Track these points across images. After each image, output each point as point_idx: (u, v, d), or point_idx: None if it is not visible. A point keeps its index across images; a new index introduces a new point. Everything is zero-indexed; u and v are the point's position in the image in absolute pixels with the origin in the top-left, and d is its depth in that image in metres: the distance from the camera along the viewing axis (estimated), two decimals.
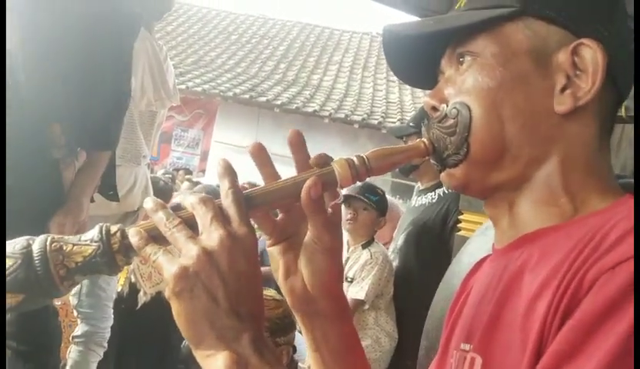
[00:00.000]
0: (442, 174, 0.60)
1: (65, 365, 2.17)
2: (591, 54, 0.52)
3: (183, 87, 8.00)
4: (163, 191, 3.23)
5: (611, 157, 0.58)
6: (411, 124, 2.47)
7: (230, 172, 0.52)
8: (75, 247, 0.49)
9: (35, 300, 0.49)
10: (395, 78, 10.04)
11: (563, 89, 0.53)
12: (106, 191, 1.83)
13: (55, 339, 1.74)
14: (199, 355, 0.47)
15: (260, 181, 0.57)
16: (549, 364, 0.42)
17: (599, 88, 0.52)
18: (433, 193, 2.34)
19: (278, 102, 8.45)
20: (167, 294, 0.47)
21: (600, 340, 0.40)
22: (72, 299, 2.17)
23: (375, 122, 8.15)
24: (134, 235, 0.50)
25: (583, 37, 0.53)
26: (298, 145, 0.57)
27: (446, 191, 2.27)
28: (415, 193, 2.53)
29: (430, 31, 0.59)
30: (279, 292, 1.89)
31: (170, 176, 5.32)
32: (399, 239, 2.46)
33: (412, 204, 2.51)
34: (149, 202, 0.51)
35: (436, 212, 2.28)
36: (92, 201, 1.72)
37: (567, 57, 0.53)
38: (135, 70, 2.11)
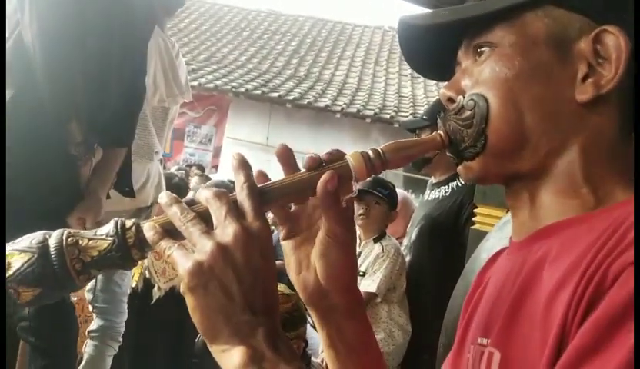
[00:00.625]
0: (459, 167, 0.59)
1: (81, 359, 2.20)
2: (614, 41, 0.51)
3: (195, 83, 8.04)
4: (178, 187, 3.25)
5: None
6: (424, 117, 2.44)
7: (245, 166, 0.51)
8: (91, 241, 0.49)
9: (52, 294, 0.49)
10: (407, 72, 10.01)
11: (585, 78, 0.52)
12: (122, 187, 1.84)
13: (72, 334, 1.76)
14: (215, 350, 0.47)
15: (272, 176, 0.57)
16: (572, 359, 0.41)
17: (622, 76, 0.51)
18: (446, 186, 2.31)
19: (290, 97, 8.45)
20: (182, 289, 0.47)
21: (624, 334, 0.39)
22: (87, 294, 2.19)
23: (387, 116, 8.13)
24: (148, 230, 0.50)
25: (605, 24, 0.51)
26: (284, 158, 0.56)
27: (459, 184, 2.25)
28: (428, 187, 2.52)
29: (446, 21, 0.58)
30: (290, 286, 1.90)
31: (184, 172, 5.35)
32: (412, 233, 2.45)
33: (425, 198, 2.50)
34: (164, 197, 0.51)
35: (449, 205, 2.26)
36: (108, 197, 1.73)
37: (588, 44, 0.52)
38: (148, 66, 2.12)
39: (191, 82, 3.38)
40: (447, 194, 2.29)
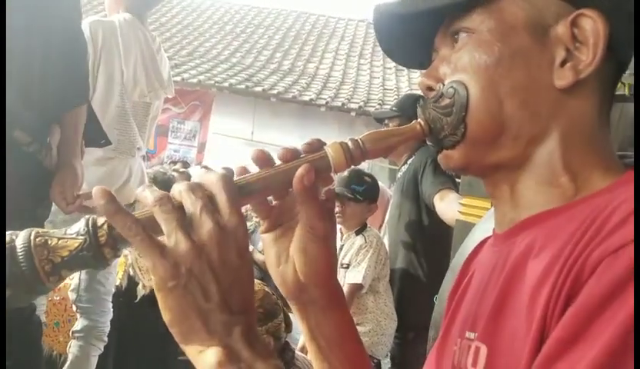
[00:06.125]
0: (440, 156, 0.58)
1: (65, 360, 2.17)
2: (592, 24, 0.50)
3: (178, 79, 7.96)
4: (168, 185, 3.19)
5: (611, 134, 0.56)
6: (393, 108, 2.54)
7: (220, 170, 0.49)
8: (61, 241, 0.47)
9: (20, 297, 0.47)
10: (391, 65, 10.01)
11: (563, 63, 0.51)
12: (97, 142, 1.79)
13: (32, 336, 1.69)
14: (190, 351, 0.46)
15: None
16: (551, 351, 0.41)
17: (600, 60, 0.50)
18: (406, 165, 2.49)
19: (275, 92, 8.41)
20: (155, 287, 0.45)
21: (602, 325, 0.39)
22: (71, 294, 2.16)
23: (372, 110, 8.12)
24: (97, 195, 0.45)
25: (582, 7, 0.51)
26: (264, 161, 0.53)
27: (415, 155, 2.43)
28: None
29: (422, 8, 0.56)
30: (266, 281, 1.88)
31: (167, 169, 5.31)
32: (387, 214, 2.64)
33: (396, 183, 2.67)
34: (140, 188, 0.48)
35: (409, 174, 2.43)
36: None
37: (566, 29, 0.51)
38: (127, 60, 2.08)
39: (174, 77, 3.33)
40: (405, 169, 2.48)
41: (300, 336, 2.59)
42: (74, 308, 2.20)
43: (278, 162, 0.54)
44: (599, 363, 0.38)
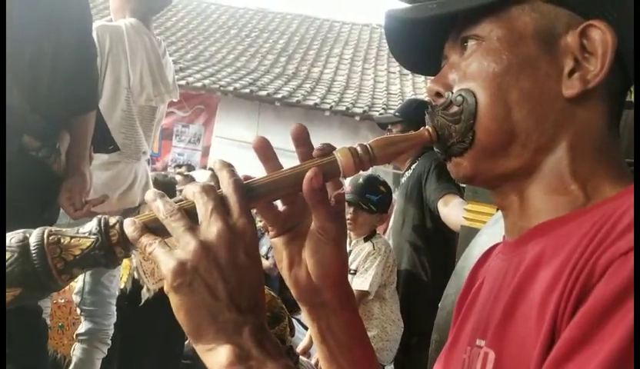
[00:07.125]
0: (449, 165, 0.58)
1: (69, 363, 2.17)
2: (600, 35, 0.51)
3: (183, 82, 7.99)
4: (167, 186, 3.21)
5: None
6: (396, 113, 2.55)
7: (227, 164, 0.51)
8: (73, 239, 0.48)
9: (33, 294, 0.48)
10: (395, 70, 10.02)
11: (571, 72, 0.52)
12: (105, 148, 1.80)
13: (39, 339, 1.70)
14: (200, 349, 0.46)
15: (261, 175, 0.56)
16: (562, 351, 0.41)
17: (608, 71, 0.51)
18: (410, 169, 2.51)
19: (279, 96, 8.43)
20: (165, 288, 0.46)
21: (613, 326, 0.39)
22: (75, 297, 2.16)
23: (377, 114, 8.12)
24: (129, 226, 0.49)
25: (591, 18, 0.51)
26: (301, 139, 0.56)
27: (417, 162, 2.45)
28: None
29: (433, 14, 0.57)
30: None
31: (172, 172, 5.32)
32: (391, 218, 2.65)
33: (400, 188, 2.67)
34: (149, 193, 0.50)
35: (413, 180, 2.44)
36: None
37: (575, 39, 0.52)
38: (134, 64, 2.09)
39: (179, 81, 3.35)
40: (409, 174, 2.50)
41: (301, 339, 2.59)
42: (78, 311, 2.21)
43: (284, 165, 0.55)
44: (610, 363, 0.38)
